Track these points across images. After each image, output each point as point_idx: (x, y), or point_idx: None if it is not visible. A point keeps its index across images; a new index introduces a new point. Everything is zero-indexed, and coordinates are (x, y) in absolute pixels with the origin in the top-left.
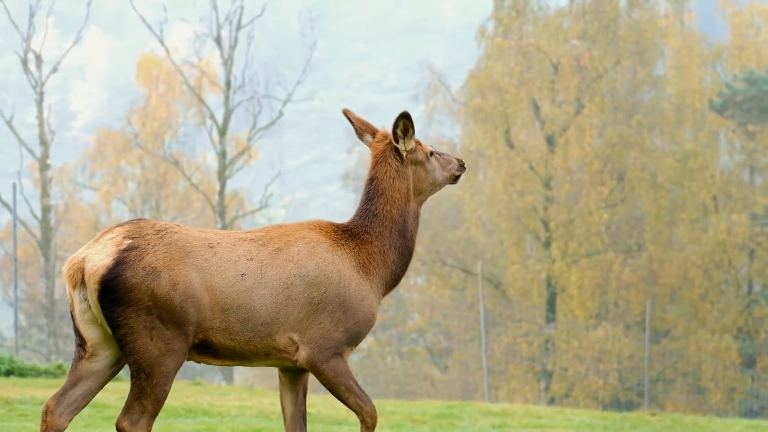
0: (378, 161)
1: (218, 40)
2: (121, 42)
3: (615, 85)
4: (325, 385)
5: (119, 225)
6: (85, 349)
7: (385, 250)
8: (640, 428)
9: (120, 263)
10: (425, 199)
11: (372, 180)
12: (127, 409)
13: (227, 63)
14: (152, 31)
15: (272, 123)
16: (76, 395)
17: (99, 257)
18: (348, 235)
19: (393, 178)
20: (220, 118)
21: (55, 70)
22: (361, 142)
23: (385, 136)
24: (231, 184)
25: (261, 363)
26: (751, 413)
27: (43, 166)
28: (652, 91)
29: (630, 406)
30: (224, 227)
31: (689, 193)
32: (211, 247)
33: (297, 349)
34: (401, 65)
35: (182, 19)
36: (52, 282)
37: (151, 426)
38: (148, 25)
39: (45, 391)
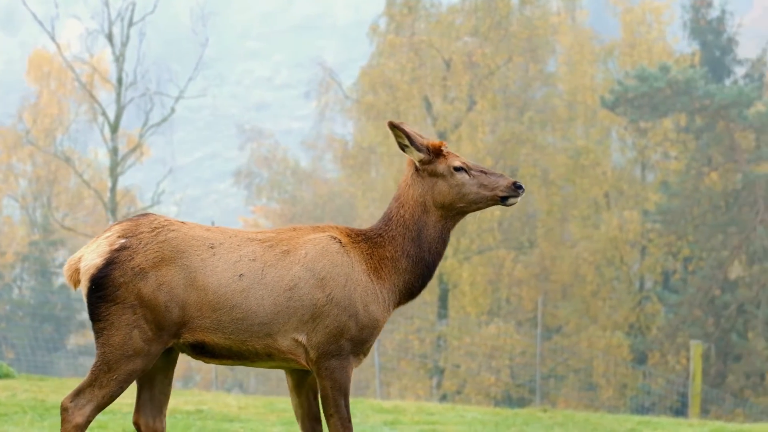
0: (406, 169)
1: (110, 37)
2: (12, 38)
3: (507, 82)
4: (320, 393)
5: (119, 222)
6: None
7: (397, 256)
8: (531, 424)
9: (110, 263)
10: (454, 215)
11: (398, 187)
12: (77, 393)
13: (119, 60)
14: (43, 27)
15: (164, 120)
16: (154, 395)
17: (91, 257)
18: (362, 239)
19: (408, 185)
20: (111, 115)
21: None
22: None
23: None
24: (123, 181)
25: (265, 364)
26: (642, 409)
27: None
28: (543, 88)
29: (522, 403)
30: None
31: (581, 190)
32: (212, 248)
33: (305, 351)
34: (293, 62)
35: (74, 15)
36: None
37: (93, 417)
38: (40, 21)
39: None
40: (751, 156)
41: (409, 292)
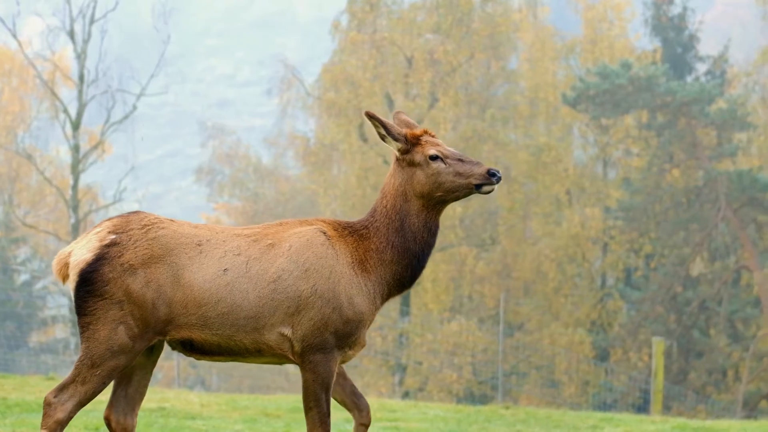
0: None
1: (71, 34)
2: None
3: (469, 79)
4: (302, 385)
5: (110, 219)
6: None
7: (382, 248)
8: (494, 421)
9: (100, 259)
10: (434, 204)
11: None
12: (61, 388)
13: (81, 57)
14: (5, 24)
15: (126, 117)
16: (129, 393)
17: (81, 252)
18: (349, 231)
19: (391, 176)
20: (73, 112)
21: None
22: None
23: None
24: (84, 179)
25: (257, 360)
26: (604, 406)
27: None
28: (505, 84)
29: (484, 400)
30: (77, 222)
31: (543, 187)
32: (199, 245)
33: (291, 344)
34: (255, 59)
35: (35, 12)
36: None
37: (75, 413)
38: (1, 18)
39: None
40: (712, 153)
41: (399, 284)
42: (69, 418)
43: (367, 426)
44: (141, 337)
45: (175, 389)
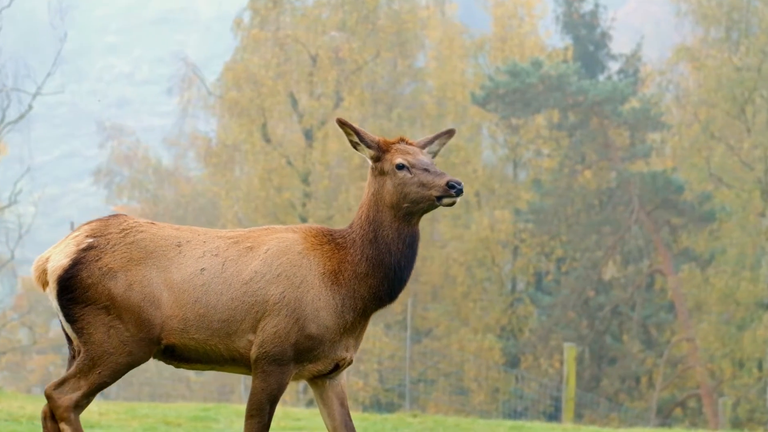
0: None
1: None
2: None
3: (375, 78)
4: (251, 391)
5: (88, 222)
6: (74, 347)
7: (357, 260)
8: (401, 430)
9: (77, 264)
10: (404, 215)
11: None
12: (62, 382)
13: None
14: None
15: (21, 117)
16: None
17: (58, 258)
18: (328, 240)
19: (367, 185)
20: None
21: None
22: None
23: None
24: None
25: (234, 369)
26: (514, 414)
27: None
28: (412, 83)
29: (391, 408)
30: None
31: None
32: (178, 245)
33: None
34: (154, 57)
35: None
36: None
37: (82, 401)
38: None
39: None
40: (625, 154)
41: (376, 298)
42: (76, 404)
43: None
44: (136, 341)
45: None
